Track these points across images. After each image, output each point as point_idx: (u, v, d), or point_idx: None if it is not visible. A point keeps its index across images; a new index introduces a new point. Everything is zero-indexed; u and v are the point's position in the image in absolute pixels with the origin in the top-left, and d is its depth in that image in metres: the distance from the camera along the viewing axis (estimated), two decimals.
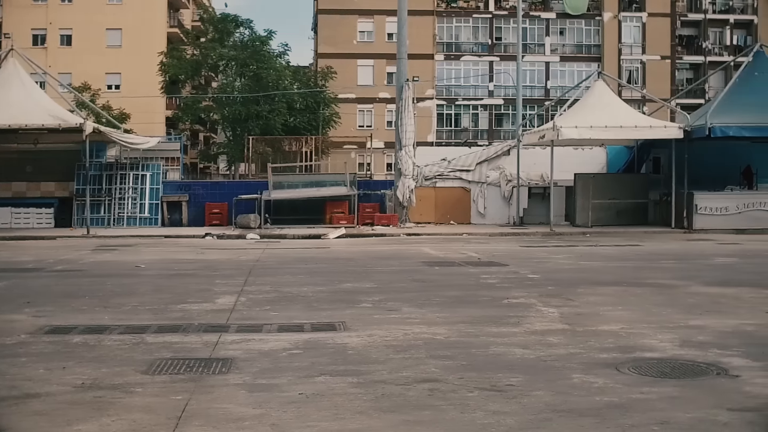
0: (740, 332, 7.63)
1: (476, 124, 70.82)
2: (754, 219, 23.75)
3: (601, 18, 70.84)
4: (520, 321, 8.23)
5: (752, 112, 23.70)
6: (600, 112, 23.96)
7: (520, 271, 13.03)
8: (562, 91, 65.83)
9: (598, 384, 5.66)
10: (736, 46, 72.80)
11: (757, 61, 25.88)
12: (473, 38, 70.51)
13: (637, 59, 71.50)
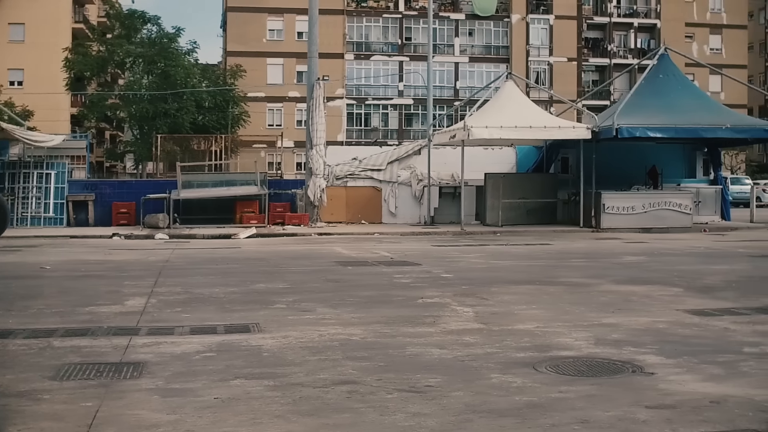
0: (653, 330, 7.71)
1: (386, 124, 70.98)
2: (660, 218, 24.25)
3: (510, 20, 71.76)
4: (436, 321, 8.19)
5: (657, 114, 24.22)
6: (510, 113, 24.17)
7: (433, 270, 13.03)
8: (471, 91, 66.47)
9: (516, 383, 5.63)
10: (640, 49, 74.56)
11: (661, 64, 26.45)
12: (383, 38, 70.69)
13: (544, 61, 72.59)
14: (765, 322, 8.08)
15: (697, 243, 19.59)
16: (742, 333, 7.54)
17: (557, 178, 27.41)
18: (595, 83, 74.18)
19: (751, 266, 14.06)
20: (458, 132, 24.26)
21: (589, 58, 74.48)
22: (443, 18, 69.25)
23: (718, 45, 76.64)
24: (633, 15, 75.50)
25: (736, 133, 25.31)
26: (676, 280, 11.57)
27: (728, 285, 11.09)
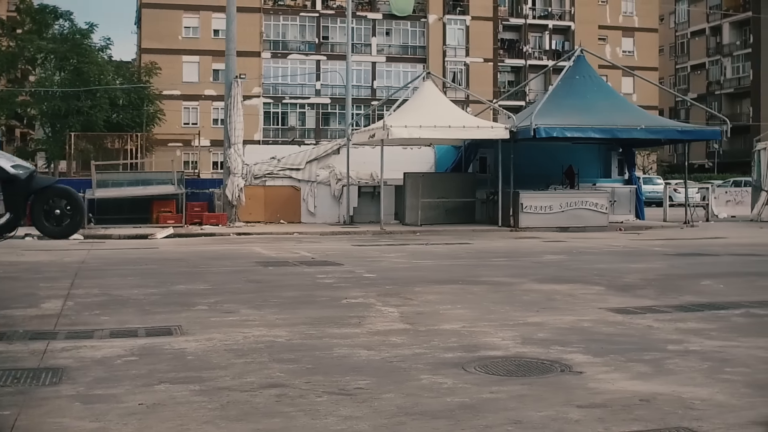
0: (578, 328, 7.75)
1: (303, 123, 70.77)
2: (576, 217, 24.59)
3: (426, 20, 72.13)
4: (362, 321, 8.11)
5: (574, 114, 24.57)
6: (429, 112, 24.26)
7: (356, 270, 12.95)
8: (389, 91, 66.65)
9: (447, 384, 5.58)
10: (555, 50, 75.69)
11: (578, 66, 26.84)
12: (300, 37, 70.46)
13: (461, 61, 73.13)
14: (686, 320, 8.17)
15: (614, 242, 19.88)
16: (665, 331, 7.62)
17: (476, 178, 27.59)
18: (510, 84, 75.05)
19: (668, 264, 14.30)
20: (378, 131, 24.24)
21: (504, 59, 75.34)
22: (360, 17, 69.30)
23: (630, 47, 78.21)
24: (548, 17, 76.60)
25: (651, 134, 25.82)
26: (596, 279, 11.69)
27: (648, 283, 11.24)
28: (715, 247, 18.33)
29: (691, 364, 6.23)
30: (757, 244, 19.02)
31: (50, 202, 8.92)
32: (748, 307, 9.02)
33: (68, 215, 8.98)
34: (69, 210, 8.98)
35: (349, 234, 22.67)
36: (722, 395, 5.31)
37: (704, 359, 6.38)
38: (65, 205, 8.97)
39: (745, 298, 9.70)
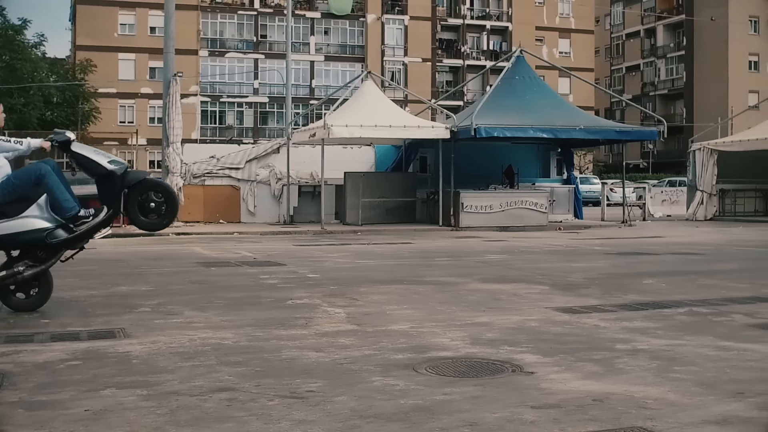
0: (526, 328, 7.75)
1: (241, 122, 70.35)
2: (516, 216, 24.74)
3: (365, 19, 72.10)
4: (308, 322, 8.01)
5: (514, 114, 24.73)
6: (370, 112, 24.24)
7: (299, 270, 12.84)
8: (327, 90, 66.53)
9: (399, 386, 5.51)
10: (493, 50, 76.25)
11: (518, 66, 27.03)
12: (238, 35, 70.01)
13: (399, 61, 73.29)
14: (632, 319, 8.22)
15: (555, 241, 20.03)
16: (612, 330, 7.65)
17: (416, 177, 27.63)
18: (449, 84, 75.39)
19: (610, 263, 14.42)
20: (318, 130, 24.14)
21: (443, 59, 75.67)
22: (299, 16, 69.04)
23: (567, 49, 79.10)
24: (486, 18, 77.12)
25: (590, 134, 26.09)
26: (540, 278, 11.73)
27: (591, 282, 11.30)
28: (654, 246, 18.58)
29: (641, 363, 6.25)
30: (695, 243, 19.30)
31: (144, 196, 9.04)
32: (691, 305, 9.11)
33: (162, 207, 9.11)
34: (162, 202, 9.11)
35: (289, 234, 22.53)
36: (673, 394, 5.32)
37: (653, 358, 6.40)
38: (159, 197, 9.09)
39: (688, 297, 9.79)
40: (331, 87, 68.80)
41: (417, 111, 35.61)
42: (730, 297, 9.83)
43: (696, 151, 31.72)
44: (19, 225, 8.20)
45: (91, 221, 8.65)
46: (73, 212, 8.52)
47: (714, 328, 7.73)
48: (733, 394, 5.32)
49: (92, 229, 8.69)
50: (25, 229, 8.21)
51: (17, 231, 8.19)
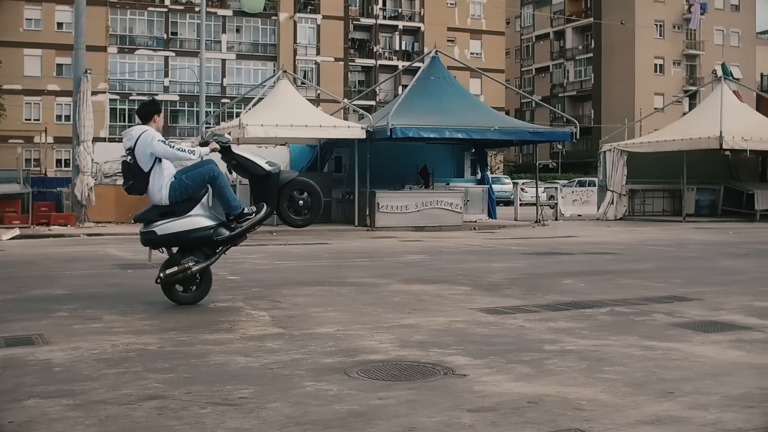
0: (453, 330, 7.74)
1: None
2: (432, 216, 24.84)
3: (277, 18, 71.66)
4: (233, 326, 7.88)
5: (430, 115, 24.85)
6: (285, 111, 24.08)
7: (218, 272, 12.56)
8: (239, 88, 65.98)
9: (333, 391, 5.44)
10: (405, 51, 76.56)
11: (433, 67, 27.15)
12: (148, 32, 68.93)
13: (312, 60, 73.07)
14: (556, 320, 8.29)
15: (471, 241, 20.15)
16: (538, 331, 7.69)
17: (331, 177, 27.52)
18: (361, 83, 75.48)
19: (528, 263, 14.54)
20: (233, 130, 23.86)
21: (355, 59, 75.68)
22: (210, 14, 68.18)
23: (478, 49, 79.85)
24: (398, 18, 77.37)
25: (504, 135, 26.35)
26: (461, 279, 11.77)
27: (512, 283, 11.38)
28: (568, 245, 18.83)
29: (570, 363, 6.29)
30: (608, 243, 19.63)
31: (294, 194, 9.66)
32: (612, 305, 9.23)
33: (309, 205, 9.78)
34: (310, 200, 9.77)
35: None
36: (606, 395, 5.36)
37: (581, 359, 6.45)
38: (306, 196, 9.74)
39: (608, 297, 9.93)
40: (243, 86, 68.25)
41: (329, 110, 35.51)
42: (648, 296, 9.99)
43: (606, 152, 32.31)
44: (188, 223, 8.90)
45: (252, 219, 9.32)
46: (239, 210, 9.24)
47: (637, 328, 7.84)
48: (663, 394, 5.39)
49: (251, 227, 9.33)
50: (194, 227, 8.91)
51: (187, 229, 8.88)
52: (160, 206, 8.91)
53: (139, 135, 8.84)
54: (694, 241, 20.38)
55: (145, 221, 8.99)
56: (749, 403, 5.16)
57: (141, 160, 8.86)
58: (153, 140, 8.77)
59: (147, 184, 8.91)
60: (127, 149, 8.93)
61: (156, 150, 8.79)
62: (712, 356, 6.58)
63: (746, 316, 8.55)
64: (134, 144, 8.86)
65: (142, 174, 8.88)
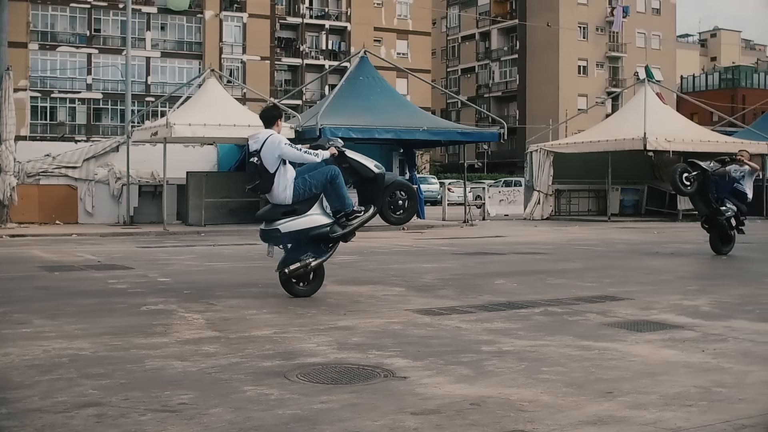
0: (390, 331, 7.72)
1: (74, 118, 68.09)
2: None
3: (203, 16, 71.04)
4: (168, 330, 7.75)
5: (358, 115, 24.84)
6: (213, 110, 23.89)
7: (149, 274, 12.46)
8: (164, 87, 65.20)
9: (274, 396, 5.37)
10: (332, 50, 76.49)
11: (362, 67, 27.13)
12: (71, 28, 67.73)
13: (238, 59, 72.62)
14: (492, 320, 8.33)
15: (401, 241, 20.21)
16: (474, 332, 7.72)
17: None
18: (287, 82, 75.22)
19: (460, 264, 14.62)
20: (160, 129, 23.58)
21: (281, 58, 75.38)
22: (134, 11, 67.15)
23: (404, 50, 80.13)
24: (325, 17, 77.28)
25: (433, 136, 26.47)
26: (395, 280, 11.78)
27: (445, 283, 11.42)
28: (498, 245, 18.98)
29: (509, 365, 6.32)
30: (536, 243, 19.84)
31: (393, 195, 10.29)
32: (545, 305, 9.32)
33: (406, 204, 10.42)
34: (407, 200, 10.42)
35: (131, 235, 21.90)
36: (547, 396, 5.40)
37: (520, 359, 6.49)
38: (404, 195, 10.39)
39: (541, 297, 10.02)
40: (168, 84, 67.50)
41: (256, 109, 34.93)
42: (580, 296, 10.11)
43: (533, 153, 32.69)
44: (309, 222, 9.59)
45: (361, 217, 9.93)
46: (350, 208, 9.82)
47: (572, 328, 7.92)
48: (603, 394, 5.44)
49: (361, 224, 9.94)
50: (314, 225, 9.60)
51: (309, 227, 9.58)
52: (283, 205, 9.55)
53: (266, 138, 9.47)
54: (621, 240, 20.72)
55: (268, 220, 9.64)
56: (687, 402, 5.24)
57: (267, 162, 9.43)
58: (281, 143, 9.41)
59: (272, 185, 9.50)
60: (254, 151, 9.50)
61: (285, 153, 9.42)
62: (646, 355, 6.67)
63: (677, 315, 8.70)
64: (261, 146, 9.44)
65: (267, 175, 9.46)
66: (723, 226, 15.47)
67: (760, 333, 7.69)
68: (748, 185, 15.52)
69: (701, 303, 9.56)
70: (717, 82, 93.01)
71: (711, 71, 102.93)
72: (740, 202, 15.44)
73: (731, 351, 6.86)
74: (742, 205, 15.46)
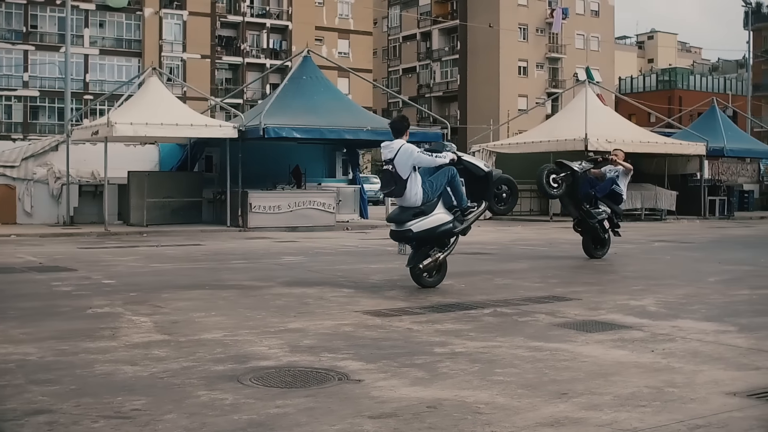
0: (341, 333, 7.69)
1: (10, 117, 66.97)
2: (305, 217, 24.74)
3: (142, 13, 70.29)
4: (115, 333, 7.63)
5: (302, 114, 24.75)
6: (156, 109, 23.63)
7: (93, 276, 12.26)
8: (103, 84, 64.35)
9: (229, 400, 5.31)
10: (273, 49, 76.13)
11: (305, 67, 27.03)
12: (6, 24, 66.56)
13: (178, 57, 71.96)
14: (442, 321, 8.34)
15: (345, 241, 20.17)
16: (426, 333, 7.72)
17: (202, 177, 27.12)
18: (228, 81, 74.71)
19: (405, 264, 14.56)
20: (101, 128, 23.25)
21: (222, 56, 74.83)
22: (73, 7, 66.18)
23: (346, 49, 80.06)
24: (266, 16, 76.89)
25: (376, 136, 26.36)
26: (342, 281, 11.75)
27: (393, 284, 11.44)
28: None
29: (462, 366, 6.33)
30: (481, 242, 19.95)
31: (498, 188, 11.28)
32: (494, 306, 9.36)
33: (509, 197, 11.49)
34: (510, 193, 11.47)
35: (72, 235, 21.56)
36: (502, 398, 5.41)
37: (473, 361, 6.50)
38: (507, 189, 11.41)
39: (489, 297, 10.07)
40: (107, 82, 66.67)
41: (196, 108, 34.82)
42: (528, 297, 10.18)
43: (476, 153, 32.83)
44: (436, 220, 10.56)
45: (476, 211, 10.95)
46: (466, 204, 10.83)
47: (522, 329, 7.96)
48: (557, 395, 5.47)
49: (476, 218, 10.96)
50: (441, 223, 10.57)
51: (436, 225, 10.55)
52: (413, 207, 10.45)
53: (399, 147, 10.36)
54: (564, 240, 20.89)
55: (399, 222, 10.58)
56: (640, 403, 5.29)
57: (401, 170, 10.33)
58: (414, 152, 10.32)
59: (405, 189, 10.38)
60: (387, 160, 10.42)
61: (420, 160, 10.35)
62: (597, 356, 6.73)
63: (624, 315, 8.80)
64: (395, 155, 10.34)
65: (401, 181, 10.35)
66: (595, 229, 15.00)
67: (706, 332, 7.80)
68: (622, 186, 15.21)
69: (647, 303, 9.68)
70: (654, 83, 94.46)
71: (648, 73, 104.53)
72: (615, 203, 15.13)
73: (680, 351, 6.96)
74: (616, 206, 15.17)
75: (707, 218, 33.89)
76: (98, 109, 58.18)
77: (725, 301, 9.95)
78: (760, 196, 41.35)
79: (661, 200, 32.75)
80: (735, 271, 13.46)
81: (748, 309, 9.31)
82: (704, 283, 11.80)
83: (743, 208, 38.32)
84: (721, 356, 6.76)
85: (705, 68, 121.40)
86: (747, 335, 7.69)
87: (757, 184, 42.13)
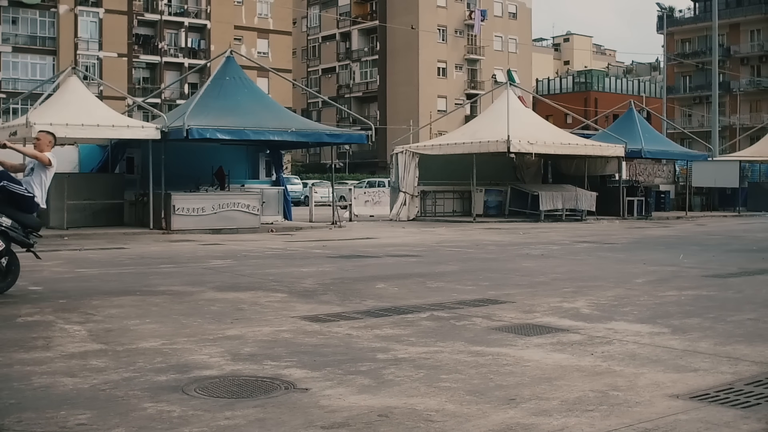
0: (281, 340, 7.63)
1: None
2: (229, 219, 24.49)
3: (57, 10, 68.90)
4: (49, 343, 7.44)
5: (226, 115, 24.51)
6: (76, 110, 23.15)
7: (18, 282, 11.90)
8: (15, 83, 62.92)
9: (176, 413, 5.22)
10: (191, 48, 75.37)
11: (228, 67, 26.78)
12: None
13: (94, 55, 70.77)
14: (381, 326, 8.33)
15: (272, 244, 20.03)
16: (366, 339, 7.70)
17: (124, 179, 26.66)
18: (146, 80, 73.74)
19: (336, 267, 14.55)
20: (20, 128, 22.67)
21: (140, 55, 73.83)
22: None
23: (265, 49, 79.64)
24: (184, 14, 76.08)
25: (301, 137, 26.34)
26: (275, 285, 11.65)
27: (326, 288, 11.38)
28: (370, 248, 19.01)
29: (408, 373, 6.32)
30: (408, 245, 19.98)
31: None
32: (430, 310, 9.38)
33: None
34: None
35: None
36: (451, 404, 5.42)
37: (417, 367, 6.50)
38: None
39: (424, 301, 10.09)
40: (21, 80, 65.22)
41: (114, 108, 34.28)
42: (462, 300, 10.23)
43: (399, 154, 32.95)
44: None
45: None
46: None
47: (461, 333, 7.99)
48: (506, 401, 5.50)
49: None
50: None
51: None
52: None
53: None
54: (490, 242, 21.08)
55: None
56: (588, 407, 5.35)
57: None
58: None
59: None
60: None
61: None
62: (539, 360, 6.79)
63: (559, 318, 8.90)
64: None
65: None
66: None
67: (641, 334, 7.94)
68: (36, 184, 11.32)
69: (580, 305, 9.81)
70: (571, 85, 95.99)
71: (565, 75, 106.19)
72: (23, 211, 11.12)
73: (618, 353, 7.06)
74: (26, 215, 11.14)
75: (626, 218, 34.55)
76: (11, 108, 56.86)
77: (655, 302, 10.13)
78: (675, 196, 42.32)
79: (581, 201, 33.29)
80: (660, 272, 13.72)
81: (678, 310, 9.48)
82: (632, 284, 12.00)
83: (660, 208, 39.20)
84: (658, 358, 6.88)
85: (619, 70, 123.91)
86: (680, 337, 7.85)
87: (673, 185, 43.13)
